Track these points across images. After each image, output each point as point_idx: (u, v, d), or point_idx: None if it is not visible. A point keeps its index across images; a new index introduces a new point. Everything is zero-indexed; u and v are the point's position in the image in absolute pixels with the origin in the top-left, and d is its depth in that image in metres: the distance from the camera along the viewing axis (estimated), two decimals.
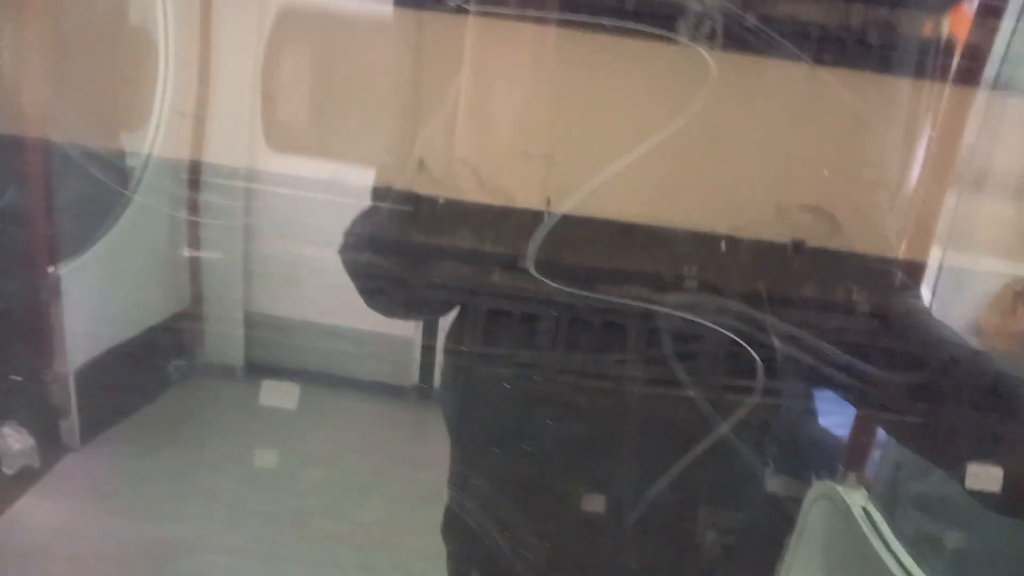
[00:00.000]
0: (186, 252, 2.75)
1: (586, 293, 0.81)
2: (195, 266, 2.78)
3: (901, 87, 0.77)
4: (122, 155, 2.22)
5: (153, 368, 2.78)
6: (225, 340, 2.90)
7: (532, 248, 0.80)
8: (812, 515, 0.96)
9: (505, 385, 0.88)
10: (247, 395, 2.67)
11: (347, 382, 2.37)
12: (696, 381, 0.87)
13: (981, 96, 0.72)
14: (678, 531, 0.93)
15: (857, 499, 0.93)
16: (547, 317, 0.85)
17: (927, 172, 0.78)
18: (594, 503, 0.90)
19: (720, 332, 0.82)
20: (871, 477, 1.23)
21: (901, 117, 0.77)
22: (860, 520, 0.91)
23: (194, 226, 2.67)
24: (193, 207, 2.60)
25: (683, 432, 0.89)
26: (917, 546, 1.16)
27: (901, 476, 1.19)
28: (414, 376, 2.52)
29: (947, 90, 0.74)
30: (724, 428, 0.89)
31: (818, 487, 0.95)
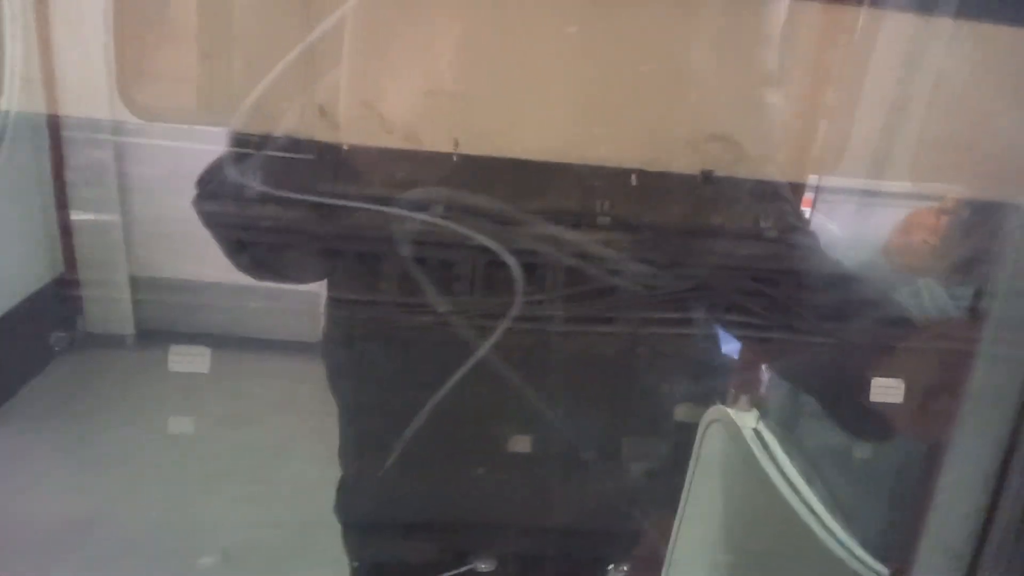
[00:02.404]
0: (55, 215, 2.56)
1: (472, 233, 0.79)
2: (67, 229, 2.60)
3: (806, 7, 0.77)
4: None
5: (35, 341, 2.61)
6: (110, 307, 2.74)
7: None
8: (707, 439, 0.99)
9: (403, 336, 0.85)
10: (142, 363, 2.57)
11: (251, 342, 2.29)
12: (613, 316, 0.87)
13: (887, 13, 0.73)
14: (589, 464, 0.95)
15: (748, 421, 0.96)
16: (461, 261, 0.83)
17: (834, 93, 0.79)
18: (509, 444, 0.90)
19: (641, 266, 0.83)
20: (767, 395, 1.29)
21: (805, 38, 0.78)
22: (751, 442, 0.95)
23: (62, 186, 2.48)
24: (59, 165, 2.41)
25: (594, 367, 0.90)
26: (818, 458, 1.24)
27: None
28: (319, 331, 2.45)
29: (858, 8, 0.75)
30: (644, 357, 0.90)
31: (711, 412, 0.99)
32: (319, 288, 0.94)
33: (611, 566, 1.04)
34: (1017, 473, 0.58)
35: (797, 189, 0.88)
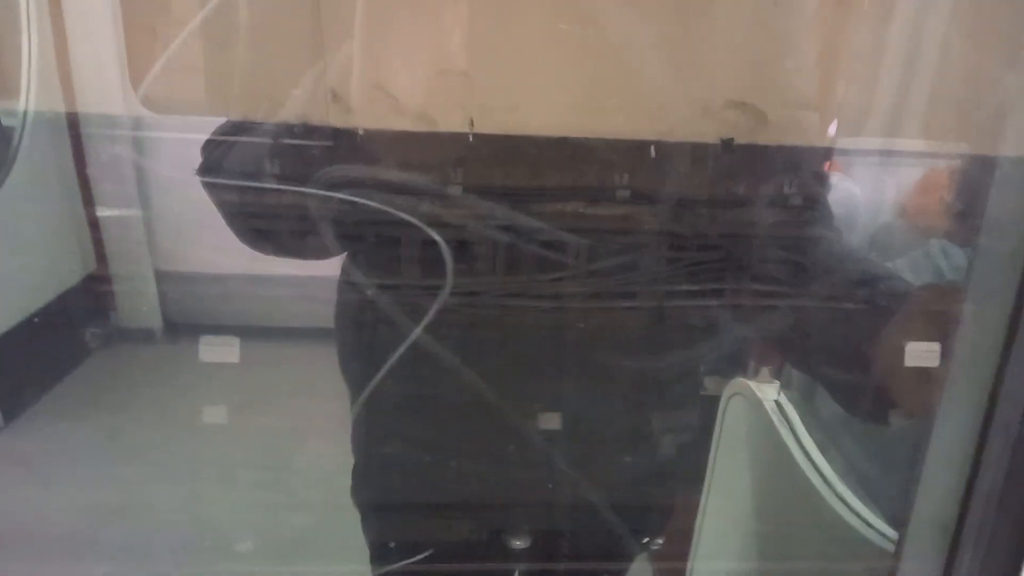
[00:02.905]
0: (83, 212, 2.60)
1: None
2: (96, 225, 2.63)
3: None
4: None
5: (69, 336, 2.66)
6: (139, 301, 2.78)
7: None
8: (729, 412, 0.99)
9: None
10: (170, 356, 2.60)
11: (276, 331, 2.31)
12: (636, 291, 0.87)
13: None
14: (614, 439, 0.94)
15: (769, 393, 0.96)
16: (482, 241, 0.82)
17: (852, 57, 0.78)
18: (532, 423, 0.90)
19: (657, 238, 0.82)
20: (790, 367, 1.28)
21: (824, 2, 0.76)
22: (771, 413, 0.94)
23: (86, 183, 2.51)
24: (81, 162, 2.44)
25: (616, 342, 0.89)
26: (834, 427, 1.23)
27: None
28: None
29: None
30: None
31: (732, 385, 0.98)
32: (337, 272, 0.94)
33: (645, 539, 1.04)
34: (996, 442, 0.58)
35: (818, 153, 0.86)
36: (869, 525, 0.82)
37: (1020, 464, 0.57)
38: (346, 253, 0.89)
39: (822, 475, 0.88)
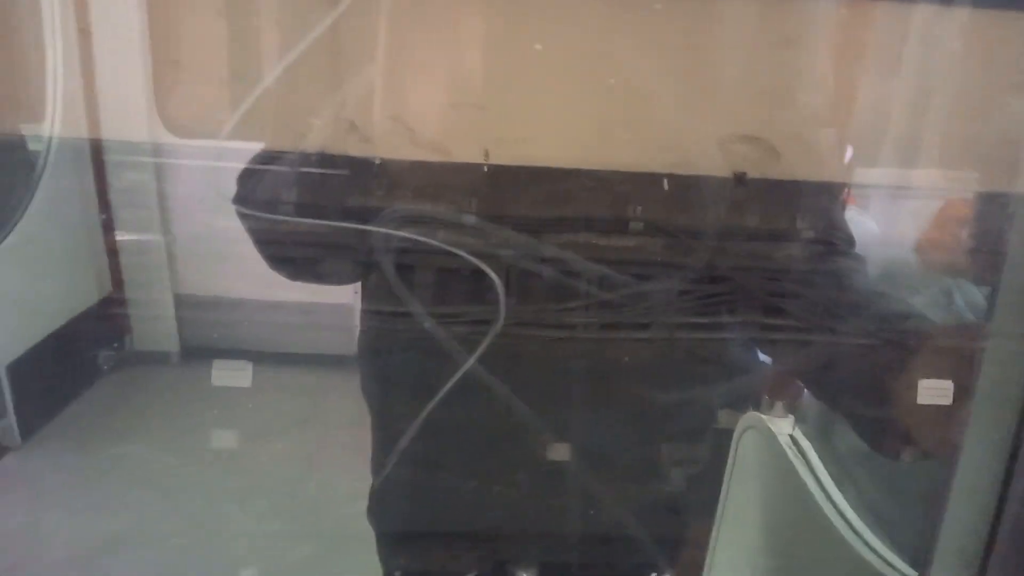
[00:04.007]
0: (101, 236, 2.63)
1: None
2: (114, 250, 2.67)
3: (831, 6, 0.76)
4: (23, 140, 2.10)
5: (83, 359, 2.68)
6: (156, 325, 2.80)
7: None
8: (742, 445, 0.98)
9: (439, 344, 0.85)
10: (185, 379, 2.62)
11: (290, 357, 2.33)
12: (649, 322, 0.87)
13: (914, 10, 0.72)
14: (626, 471, 0.94)
15: (784, 427, 0.95)
16: (497, 271, 0.83)
17: (863, 92, 0.78)
18: (544, 453, 0.90)
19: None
20: (805, 401, 1.27)
21: (834, 38, 0.77)
22: (786, 448, 0.93)
23: (107, 207, 2.54)
24: (102, 187, 2.48)
25: (629, 373, 0.89)
26: (850, 463, 1.21)
27: None
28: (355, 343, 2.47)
29: (877, 6, 0.74)
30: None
31: (746, 418, 0.98)
32: (355, 302, 0.95)
33: (653, 575, 1.03)
34: (1022, 475, 0.57)
35: (831, 188, 0.86)
36: (888, 563, 0.81)
37: None
38: (371, 279, 0.90)
39: (839, 511, 0.87)
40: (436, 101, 0.76)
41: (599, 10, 0.73)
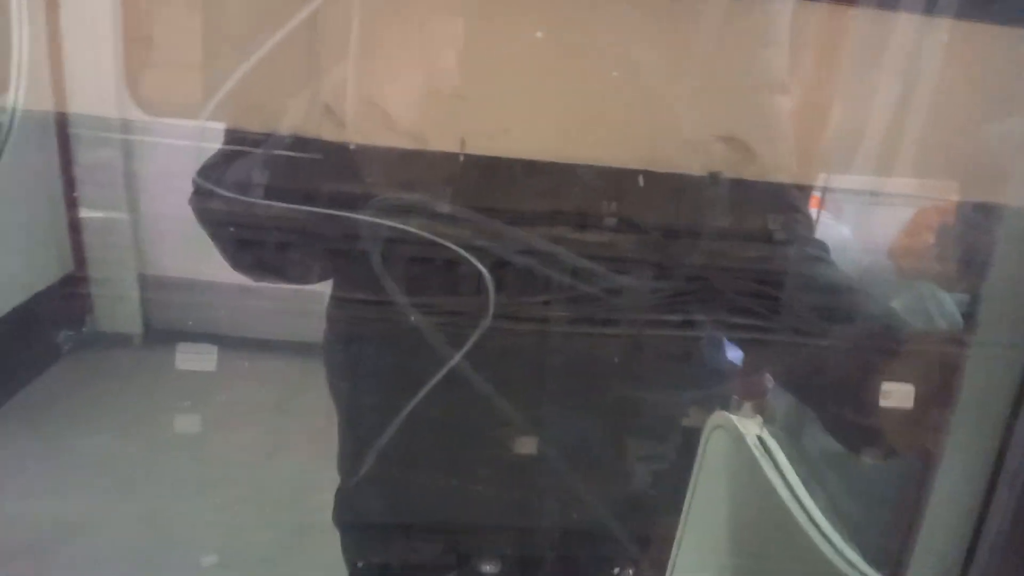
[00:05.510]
0: (64, 212, 2.57)
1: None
2: (76, 227, 2.61)
3: (808, 6, 0.76)
4: None
5: (42, 339, 2.62)
6: (119, 305, 2.75)
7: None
8: (710, 445, 0.99)
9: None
10: (148, 362, 2.57)
11: (257, 343, 2.29)
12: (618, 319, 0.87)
13: (893, 14, 0.72)
14: (592, 467, 0.94)
15: (752, 428, 0.96)
16: (463, 263, 0.82)
17: (841, 94, 0.79)
18: (511, 447, 0.90)
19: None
20: (774, 402, 1.28)
21: (811, 38, 0.77)
22: (754, 448, 0.94)
23: (71, 184, 2.48)
24: (67, 162, 2.42)
25: (597, 370, 0.89)
26: (821, 464, 1.22)
27: None
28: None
29: (856, 8, 0.74)
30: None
31: (714, 418, 0.98)
32: (326, 288, 0.93)
33: (616, 570, 1.03)
34: (1006, 484, 0.57)
35: (805, 191, 0.87)
36: (852, 565, 0.82)
37: None
38: (341, 273, 0.88)
39: (806, 511, 0.88)
40: (414, 87, 0.75)
41: (582, 4, 0.73)
